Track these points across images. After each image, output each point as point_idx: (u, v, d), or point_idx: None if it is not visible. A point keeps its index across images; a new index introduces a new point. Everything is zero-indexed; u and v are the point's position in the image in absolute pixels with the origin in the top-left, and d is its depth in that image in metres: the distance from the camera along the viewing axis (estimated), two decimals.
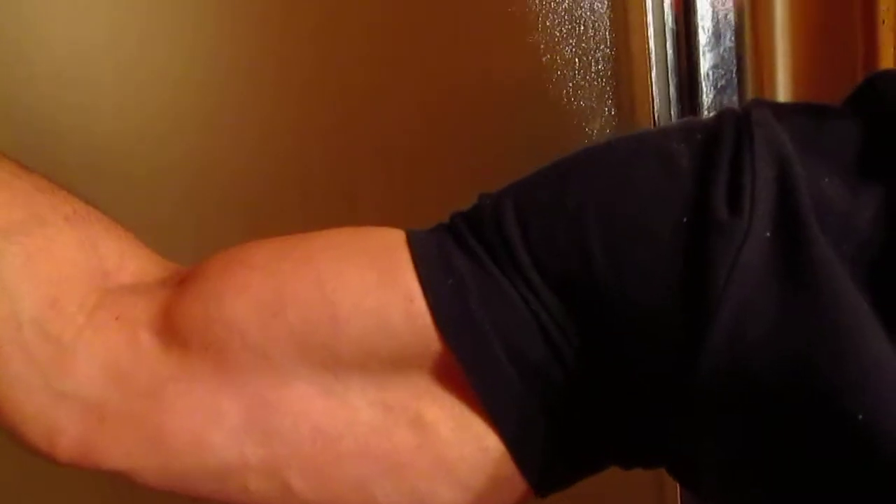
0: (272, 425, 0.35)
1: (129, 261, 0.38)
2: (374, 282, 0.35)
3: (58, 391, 0.34)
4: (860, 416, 0.28)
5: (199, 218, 0.73)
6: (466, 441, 0.35)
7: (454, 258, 0.35)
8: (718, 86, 0.67)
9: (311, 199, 0.74)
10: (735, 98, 0.68)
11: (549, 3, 0.70)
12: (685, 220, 0.32)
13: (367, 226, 0.38)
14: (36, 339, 0.34)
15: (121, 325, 0.35)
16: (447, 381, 0.35)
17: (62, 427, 0.34)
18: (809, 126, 0.34)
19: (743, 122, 0.34)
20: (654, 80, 0.68)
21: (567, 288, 0.33)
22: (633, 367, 0.33)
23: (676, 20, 0.67)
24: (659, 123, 0.69)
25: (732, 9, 0.66)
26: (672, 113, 0.68)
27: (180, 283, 0.37)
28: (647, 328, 0.32)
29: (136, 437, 0.35)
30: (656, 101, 0.68)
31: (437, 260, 0.35)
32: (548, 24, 0.70)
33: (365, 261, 0.35)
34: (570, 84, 0.71)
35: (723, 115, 0.35)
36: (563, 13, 0.70)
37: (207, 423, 0.34)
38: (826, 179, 0.32)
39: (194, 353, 0.35)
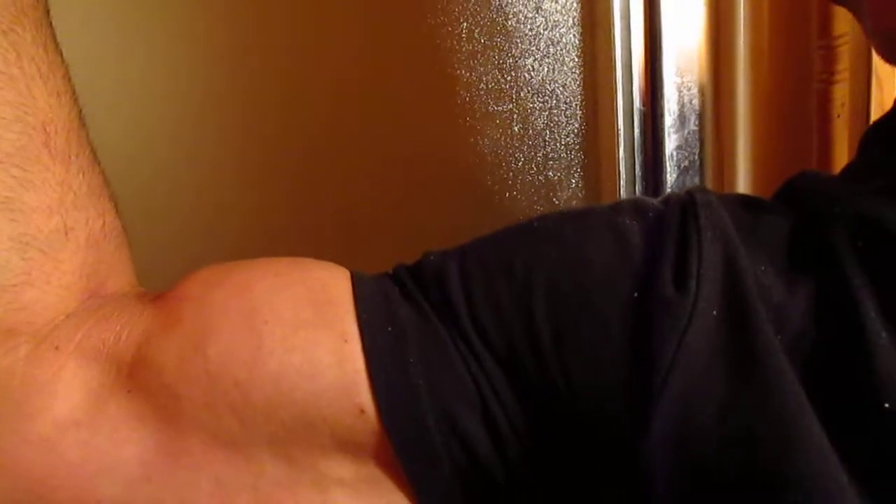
0: (170, 477, 0.32)
1: (111, 280, 0.36)
2: (308, 316, 0.33)
3: None
4: None
5: (179, 263, 0.74)
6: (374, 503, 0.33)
7: (398, 306, 0.33)
8: (681, 166, 0.70)
9: (278, 246, 0.75)
10: (697, 179, 0.70)
11: (524, 76, 0.72)
12: (635, 295, 0.31)
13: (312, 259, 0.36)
14: None
15: (54, 358, 0.33)
16: (362, 436, 0.32)
17: None
18: (746, 216, 0.34)
19: (689, 204, 0.34)
20: (620, 157, 0.70)
21: (509, 359, 0.32)
22: (575, 450, 0.32)
23: (644, 102, 0.69)
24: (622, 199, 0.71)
25: (697, 95, 0.69)
26: (637, 189, 0.70)
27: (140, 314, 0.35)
28: (590, 407, 0.31)
29: (15, 485, 0.32)
30: (622, 177, 0.70)
31: (380, 304, 0.33)
32: (521, 95, 0.72)
33: (302, 294, 0.33)
34: (541, 155, 0.73)
35: (669, 197, 0.35)
36: (536, 86, 0.72)
37: (100, 475, 0.32)
38: (763, 268, 0.32)
39: (111, 398, 0.33)
